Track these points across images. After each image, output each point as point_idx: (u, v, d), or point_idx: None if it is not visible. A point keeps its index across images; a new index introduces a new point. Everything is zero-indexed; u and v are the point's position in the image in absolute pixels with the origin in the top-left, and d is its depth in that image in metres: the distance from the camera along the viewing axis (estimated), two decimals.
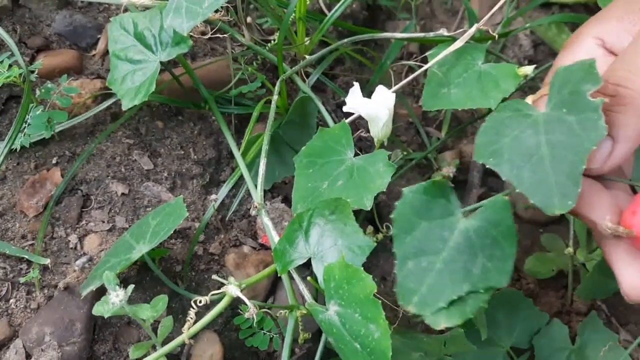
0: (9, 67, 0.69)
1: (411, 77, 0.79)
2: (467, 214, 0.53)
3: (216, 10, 0.70)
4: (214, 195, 0.74)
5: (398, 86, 0.77)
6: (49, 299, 0.67)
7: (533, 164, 0.46)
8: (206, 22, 0.75)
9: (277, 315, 0.63)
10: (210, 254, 0.74)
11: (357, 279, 0.52)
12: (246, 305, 0.55)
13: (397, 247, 0.53)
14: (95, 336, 0.66)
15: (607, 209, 0.47)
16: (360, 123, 0.88)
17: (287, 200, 0.80)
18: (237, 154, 0.72)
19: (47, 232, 0.71)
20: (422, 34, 0.84)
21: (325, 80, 0.87)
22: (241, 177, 0.74)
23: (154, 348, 0.62)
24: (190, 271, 0.72)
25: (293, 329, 0.62)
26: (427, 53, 0.80)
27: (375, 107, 0.67)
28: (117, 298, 0.54)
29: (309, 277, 0.59)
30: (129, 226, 0.72)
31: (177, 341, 0.56)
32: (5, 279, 0.68)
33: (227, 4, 0.68)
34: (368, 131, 0.73)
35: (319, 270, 0.57)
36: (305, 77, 0.83)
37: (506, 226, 0.51)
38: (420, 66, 0.79)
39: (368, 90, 0.92)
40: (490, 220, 0.52)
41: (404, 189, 0.54)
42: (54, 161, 0.75)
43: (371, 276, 0.52)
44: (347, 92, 0.67)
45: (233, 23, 0.84)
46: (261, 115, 0.79)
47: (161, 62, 0.69)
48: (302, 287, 0.60)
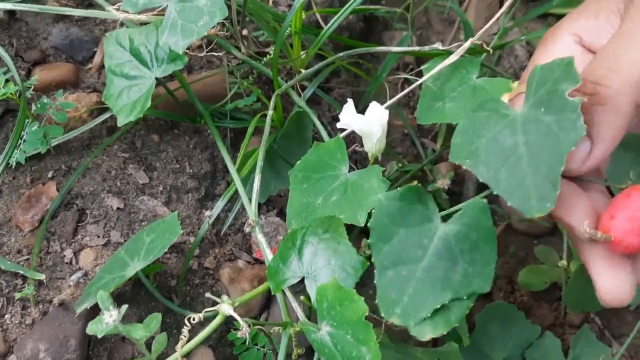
0: (5, 83, 0.70)
1: (406, 91, 0.79)
2: (445, 219, 0.53)
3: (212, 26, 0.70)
4: (208, 212, 0.74)
5: (392, 101, 0.78)
6: (44, 315, 0.67)
7: (510, 165, 0.45)
8: (203, 36, 0.75)
9: (271, 331, 0.63)
10: (205, 268, 0.75)
11: (350, 301, 0.53)
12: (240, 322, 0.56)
13: (375, 256, 0.52)
14: (90, 352, 0.66)
15: (585, 213, 0.46)
16: (355, 136, 0.88)
17: (283, 213, 0.80)
18: (232, 169, 0.72)
19: (43, 247, 0.71)
20: (417, 48, 0.85)
21: (321, 94, 0.87)
22: (236, 191, 0.74)
23: None
24: (185, 286, 0.73)
25: (287, 345, 0.62)
26: (423, 67, 0.81)
27: (368, 123, 0.67)
28: (110, 318, 0.54)
29: (302, 297, 0.60)
30: (124, 241, 0.72)
31: (171, 359, 0.56)
32: (1, 294, 0.68)
33: (223, 19, 0.68)
34: (362, 145, 0.73)
35: (312, 289, 0.58)
36: (300, 91, 0.84)
37: (486, 229, 0.51)
38: (416, 79, 0.79)
39: (364, 103, 0.93)
40: (470, 224, 0.51)
41: (379, 195, 0.53)
42: (49, 175, 0.75)
43: (363, 298, 0.52)
44: (342, 105, 0.68)
45: (230, 35, 0.84)
46: (257, 128, 0.80)
47: (157, 78, 0.69)
48: (295, 305, 0.61)
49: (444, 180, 0.94)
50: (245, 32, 0.88)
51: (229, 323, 0.71)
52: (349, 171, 0.68)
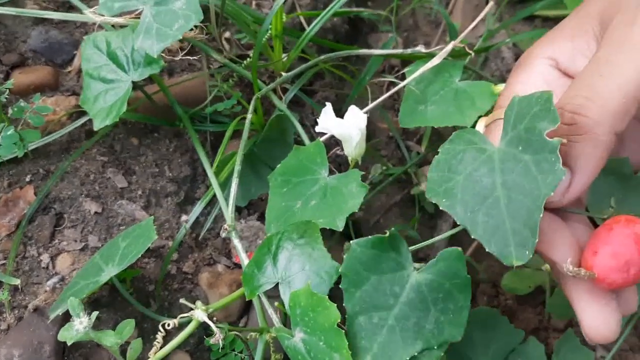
0: None
1: (388, 94, 0.79)
2: (419, 267, 0.52)
3: (190, 29, 0.70)
4: (184, 217, 0.73)
5: (373, 104, 0.78)
6: (19, 320, 0.67)
7: (488, 207, 0.44)
8: (181, 39, 0.75)
9: (248, 337, 0.63)
10: (183, 272, 0.74)
11: (322, 308, 0.52)
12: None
13: (347, 301, 0.52)
14: (65, 358, 0.65)
15: (568, 248, 0.45)
16: (337, 140, 0.88)
17: (263, 217, 0.79)
18: (210, 173, 0.72)
19: (19, 252, 0.71)
20: (400, 50, 0.84)
21: (304, 97, 0.87)
22: (215, 195, 0.74)
23: None
24: (163, 290, 0.72)
25: (263, 351, 0.62)
26: (406, 69, 0.81)
27: (347, 127, 0.67)
28: (81, 325, 0.54)
29: (276, 303, 0.59)
30: (102, 245, 0.72)
31: None
32: None
33: (202, 22, 0.67)
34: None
35: (285, 295, 0.57)
36: (282, 94, 0.83)
37: (460, 278, 0.51)
38: (400, 82, 0.79)
39: (347, 106, 0.93)
40: (444, 272, 0.51)
41: (352, 242, 0.53)
42: (27, 179, 0.75)
43: (336, 305, 0.52)
44: (326, 104, 0.67)
45: (211, 38, 0.83)
46: (238, 132, 0.79)
47: (134, 82, 0.68)
48: (270, 311, 0.60)
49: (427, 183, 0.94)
50: (227, 34, 0.88)
51: (207, 328, 0.70)
52: (330, 175, 0.67)
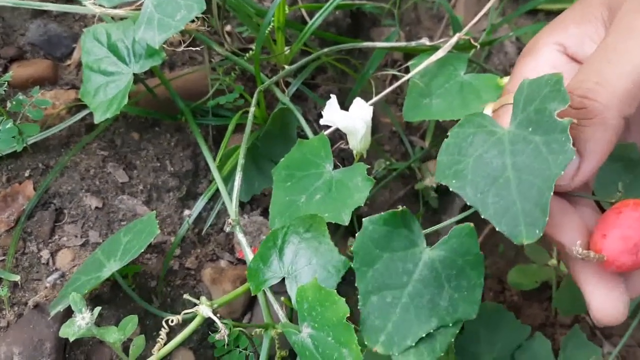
0: None
1: (392, 87, 0.78)
2: (432, 241, 0.51)
3: (192, 21, 0.69)
4: (187, 211, 0.72)
5: (377, 98, 0.76)
6: (19, 317, 0.65)
7: (498, 188, 0.43)
8: (182, 32, 0.73)
9: (253, 333, 0.62)
10: (186, 268, 0.73)
11: (330, 302, 0.51)
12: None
13: (359, 281, 0.51)
14: (66, 355, 0.64)
15: (576, 231, 0.45)
16: (341, 134, 0.87)
17: (267, 212, 0.78)
18: (213, 167, 0.71)
19: (19, 248, 0.70)
20: (404, 43, 0.83)
21: (306, 90, 0.86)
22: (218, 190, 0.73)
23: None
24: (166, 286, 0.71)
25: (268, 347, 0.61)
26: (409, 62, 0.79)
27: (352, 120, 0.66)
28: (83, 321, 0.53)
29: (282, 298, 0.58)
30: (103, 241, 0.71)
31: None
32: None
33: (204, 14, 0.66)
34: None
35: (292, 290, 0.56)
36: (285, 87, 0.82)
37: (473, 255, 0.50)
38: (403, 75, 0.78)
39: (350, 100, 0.92)
40: (456, 249, 0.50)
41: (364, 219, 0.52)
42: (26, 174, 0.73)
43: (344, 299, 0.51)
44: (331, 96, 0.66)
45: (213, 31, 0.82)
46: (240, 126, 0.78)
47: (135, 74, 0.67)
48: (276, 306, 0.59)
49: (432, 178, 0.93)
50: (228, 27, 0.87)
51: (211, 325, 0.69)
52: (334, 169, 0.66)
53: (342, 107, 0.65)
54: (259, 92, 0.74)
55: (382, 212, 0.52)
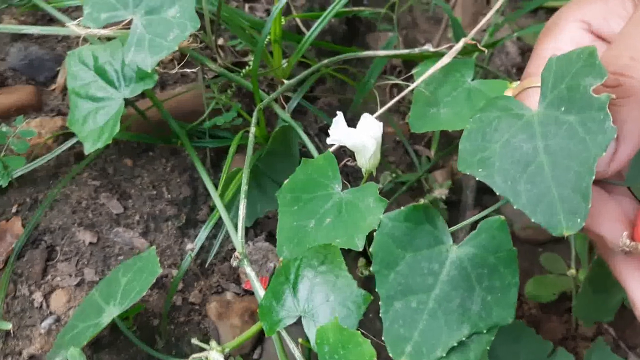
0: None
1: (397, 98, 0.74)
2: (458, 240, 0.47)
3: None
4: (190, 245, 0.67)
5: (381, 110, 0.72)
6: None
7: (530, 174, 0.40)
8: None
9: None
10: (190, 303, 0.68)
11: (354, 344, 0.47)
12: None
13: (379, 286, 0.47)
14: None
15: (618, 221, 0.42)
16: (346, 150, 0.83)
17: (272, 237, 0.74)
18: (214, 193, 0.66)
19: (9, 291, 0.65)
20: (406, 50, 0.79)
21: (306, 104, 0.81)
22: (220, 217, 0.68)
23: None
24: (169, 324, 0.66)
25: None
26: (413, 70, 0.76)
27: (361, 137, 0.62)
28: None
29: (300, 339, 0.53)
30: (100, 279, 0.66)
31: None
32: None
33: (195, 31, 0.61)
34: (355, 159, 0.68)
35: (310, 330, 0.52)
36: (284, 102, 0.78)
37: (506, 251, 0.46)
38: (407, 85, 0.74)
39: (352, 111, 0.88)
40: (487, 245, 0.46)
41: (382, 216, 0.48)
42: (13, 210, 0.68)
43: (369, 341, 0.47)
44: (329, 114, 0.62)
45: (204, 46, 0.78)
46: (240, 146, 0.73)
47: (125, 99, 0.62)
48: (292, 347, 0.54)
49: (441, 189, 0.89)
50: (221, 41, 0.82)
51: None
52: (342, 189, 0.62)
53: (345, 120, 0.62)
54: (258, 110, 0.69)
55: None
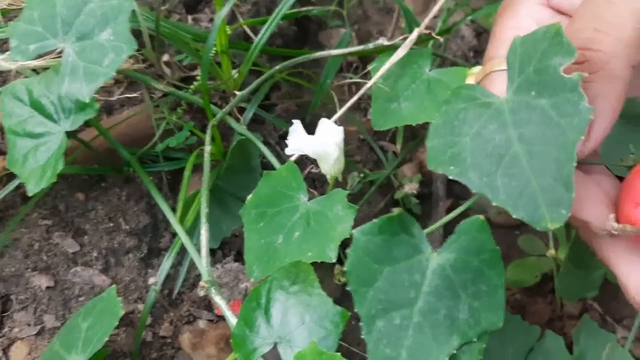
0: None
1: (356, 96, 0.71)
2: (433, 239, 0.45)
3: None
4: (152, 279, 0.64)
5: (341, 112, 0.70)
6: None
7: (506, 167, 0.37)
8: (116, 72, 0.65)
9: None
10: (161, 337, 0.65)
11: None
12: None
13: (358, 305, 0.44)
14: None
15: (600, 205, 0.39)
16: (309, 157, 0.80)
17: (241, 256, 0.70)
18: (172, 220, 0.63)
19: None
20: (359, 47, 0.77)
21: (262, 113, 0.78)
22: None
23: None
24: None
25: None
26: (370, 66, 0.73)
27: (321, 144, 0.59)
28: None
29: None
30: (61, 324, 0.62)
31: None
32: None
33: (135, 51, 0.58)
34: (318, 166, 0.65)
35: (288, 357, 0.49)
36: (239, 114, 0.74)
37: (489, 252, 0.43)
38: (364, 81, 0.72)
39: (311, 114, 0.85)
40: (468, 248, 0.44)
41: (354, 231, 0.45)
42: None
43: None
44: (288, 121, 0.59)
45: (149, 64, 0.74)
46: (197, 166, 0.70)
47: (67, 132, 0.58)
48: None
49: (411, 184, 0.87)
50: (166, 57, 0.78)
51: None
52: (309, 198, 0.59)
53: (304, 123, 0.59)
54: (212, 127, 0.66)
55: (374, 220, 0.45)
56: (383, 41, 0.74)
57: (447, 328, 0.44)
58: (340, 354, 0.45)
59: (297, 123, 0.59)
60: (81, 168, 0.67)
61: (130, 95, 0.74)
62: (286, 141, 0.59)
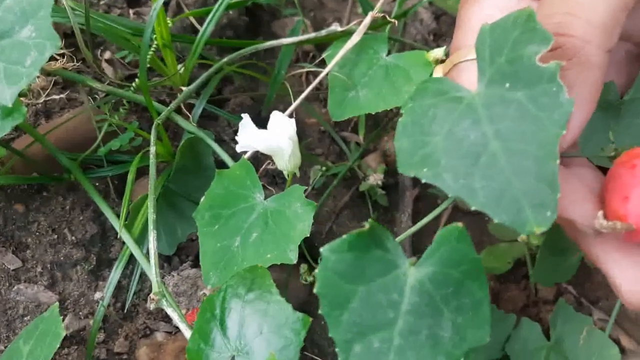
0: None
1: (310, 87, 0.68)
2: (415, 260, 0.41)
3: (54, 59, 0.56)
4: (98, 294, 0.59)
5: (296, 103, 0.66)
6: None
7: (484, 167, 0.34)
8: (48, 73, 0.60)
9: None
10: (116, 354, 0.60)
11: None
12: None
13: (332, 330, 0.40)
14: None
15: (585, 202, 0.37)
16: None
17: (199, 261, 0.67)
18: (119, 228, 0.58)
19: None
20: (313, 34, 0.74)
21: (214, 109, 0.74)
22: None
23: None
24: None
25: None
26: (324, 54, 0.70)
27: (274, 139, 0.55)
28: None
29: None
30: (5, 347, 0.57)
31: None
32: None
33: (67, 49, 0.53)
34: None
35: None
36: (188, 112, 0.70)
37: (469, 262, 0.40)
38: (320, 69, 0.68)
39: (267, 108, 0.81)
40: (447, 260, 0.40)
41: (322, 249, 0.41)
42: None
43: None
44: (242, 117, 0.55)
45: (87, 65, 0.69)
46: (145, 168, 0.66)
47: None
48: None
49: (376, 175, 0.84)
50: (107, 55, 0.74)
51: None
52: (266, 197, 0.57)
53: (260, 118, 0.55)
54: (157, 126, 0.61)
55: (343, 235, 0.41)
56: (337, 27, 0.71)
57: (431, 349, 0.40)
58: None
59: (246, 117, 0.55)
60: (19, 178, 0.62)
61: (71, 98, 0.69)
62: (236, 138, 0.56)
